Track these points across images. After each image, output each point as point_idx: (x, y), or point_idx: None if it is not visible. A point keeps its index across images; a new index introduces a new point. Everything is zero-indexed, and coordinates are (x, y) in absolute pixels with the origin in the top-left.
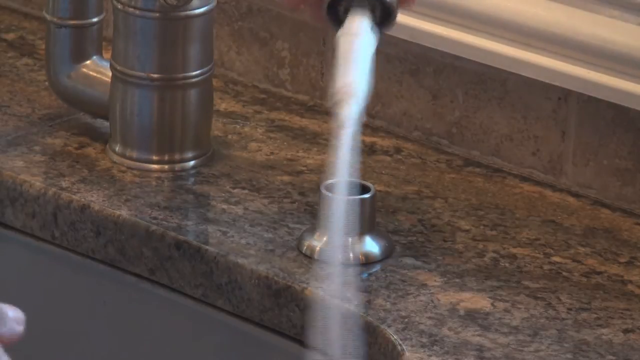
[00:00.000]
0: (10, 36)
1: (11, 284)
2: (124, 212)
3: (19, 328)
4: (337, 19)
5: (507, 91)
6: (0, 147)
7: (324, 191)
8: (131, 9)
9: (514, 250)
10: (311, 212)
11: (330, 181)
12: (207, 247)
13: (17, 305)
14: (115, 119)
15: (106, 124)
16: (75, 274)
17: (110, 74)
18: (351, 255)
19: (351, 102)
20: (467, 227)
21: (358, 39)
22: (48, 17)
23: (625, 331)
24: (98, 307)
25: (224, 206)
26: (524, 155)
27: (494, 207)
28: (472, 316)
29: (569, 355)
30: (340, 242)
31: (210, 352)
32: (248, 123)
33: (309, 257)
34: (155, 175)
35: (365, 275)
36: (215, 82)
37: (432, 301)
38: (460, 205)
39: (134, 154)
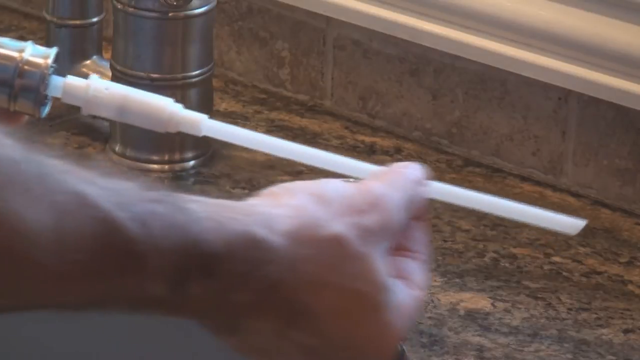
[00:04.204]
0: (10, 36)
1: None
2: None
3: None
4: None
5: (507, 91)
6: None
7: None
8: (131, 9)
9: (514, 250)
10: None
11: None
12: None
13: None
14: None
15: (106, 124)
16: None
17: (110, 73)
18: None
19: None
20: (467, 227)
21: None
22: (48, 17)
23: (625, 331)
24: None
25: None
26: (524, 155)
27: None
28: (472, 316)
29: (569, 355)
30: None
31: (210, 352)
32: (248, 123)
33: None
34: (155, 175)
35: None
36: (215, 82)
37: (432, 301)
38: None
39: (134, 154)
